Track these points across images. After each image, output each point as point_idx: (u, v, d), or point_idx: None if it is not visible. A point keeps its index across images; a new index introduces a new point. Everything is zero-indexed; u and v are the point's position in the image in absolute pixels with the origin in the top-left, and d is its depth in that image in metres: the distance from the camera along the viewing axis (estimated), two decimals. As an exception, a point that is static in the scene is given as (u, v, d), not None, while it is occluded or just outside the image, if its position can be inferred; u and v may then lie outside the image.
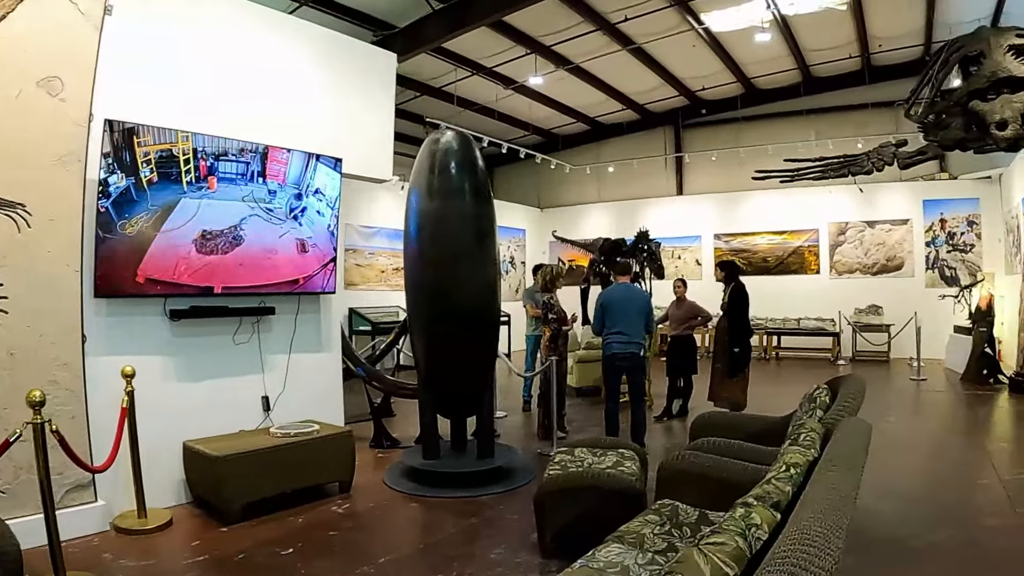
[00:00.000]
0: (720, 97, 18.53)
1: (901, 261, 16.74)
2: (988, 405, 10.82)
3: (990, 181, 15.78)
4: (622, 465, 5.03)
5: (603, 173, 20.33)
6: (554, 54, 15.02)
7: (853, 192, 16.79)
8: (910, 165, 7.43)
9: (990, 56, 6.56)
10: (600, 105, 18.82)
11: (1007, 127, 6.24)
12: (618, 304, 7.71)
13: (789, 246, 17.99)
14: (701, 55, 15.65)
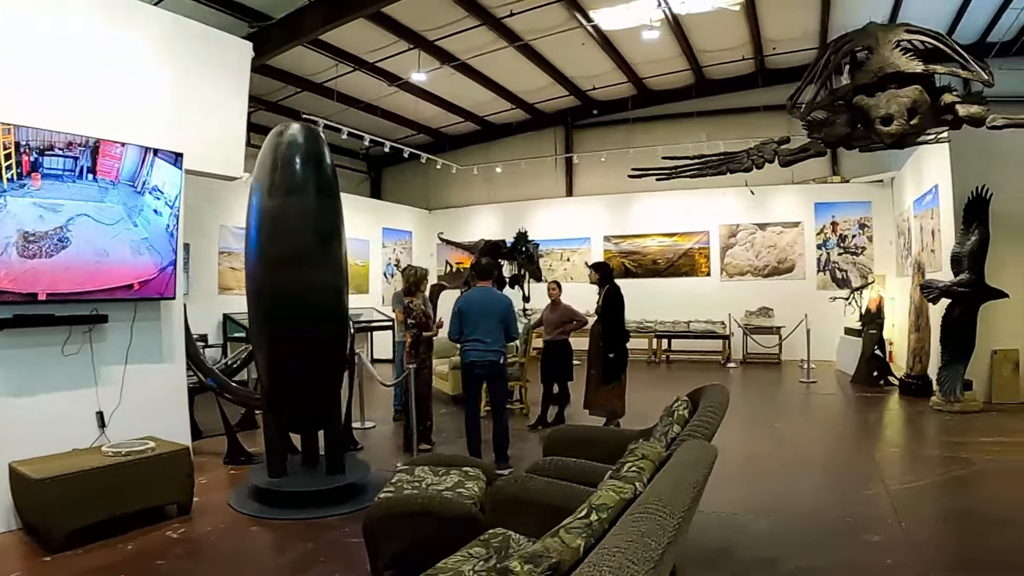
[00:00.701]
0: (611, 98, 18.16)
1: (792, 263, 16.68)
2: (878, 408, 10.62)
3: (882, 184, 15.90)
4: (463, 486, 4.54)
5: (492, 174, 19.68)
6: (439, 50, 14.34)
7: (744, 194, 16.71)
8: (792, 162, 7.10)
9: (877, 52, 6.34)
10: (489, 104, 18.19)
11: (892, 122, 5.99)
12: (476, 309, 7.16)
13: (679, 248, 17.71)
14: (591, 54, 15.23)
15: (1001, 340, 10.25)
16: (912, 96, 6.05)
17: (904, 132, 6.05)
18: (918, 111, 6.03)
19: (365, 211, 18.32)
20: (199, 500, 6.05)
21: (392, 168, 21.66)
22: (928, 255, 12.00)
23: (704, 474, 2.75)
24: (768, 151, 7.05)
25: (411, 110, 17.88)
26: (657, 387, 12.72)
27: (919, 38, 6.67)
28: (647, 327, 16.41)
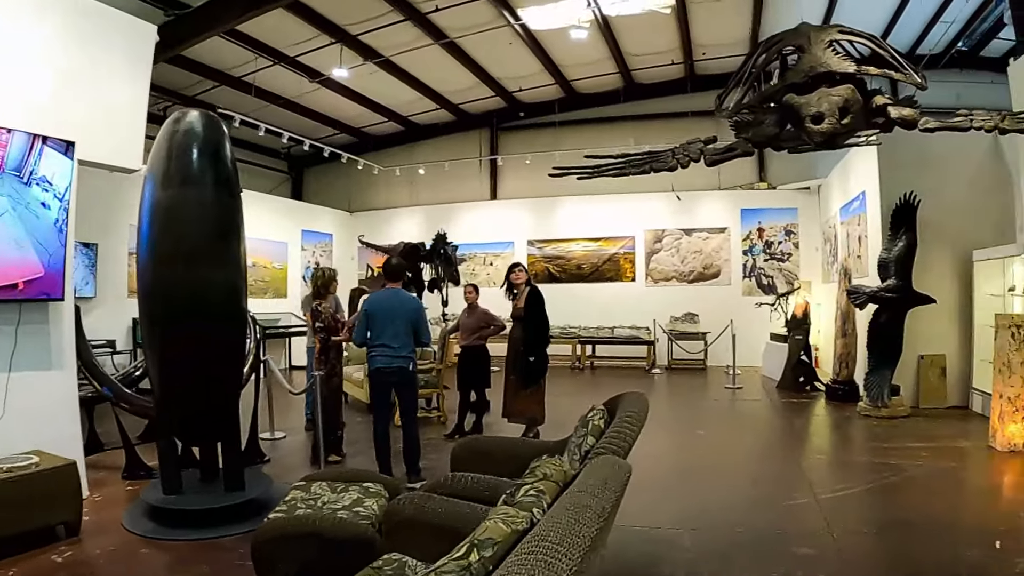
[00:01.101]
0: (538, 100, 17.82)
1: (718, 269, 16.57)
2: (805, 414, 10.50)
3: (808, 191, 15.95)
4: (362, 505, 4.16)
5: (416, 175, 19.13)
6: (362, 45, 13.77)
7: (670, 200, 16.55)
8: (718, 162, 6.83)
9: (809, 51, 6.11)
10: (413, 104, 17.62)
11: (823, 121, 5.79)
12: (383, 312, 6.66)
13: (604, 253, 17.44)
14: (518, 54, 14.84)
15: (928, 345, 10.25)
16: (844, 95, 5.87)
17: (835, 131, 5.86)
18: (850, 111, 5.85)
19: (284, 212, 17.65)
20: (90, 519, 5.55)
21: (314, 169, 20.89)
22: (855, 261, 11.98)
23: (615, 498, 2.39)
24: (694, 150, 6.78)
25: (333, 108, 17.23)
26: (580, 394, 12.40)
27: (852, 39, 6.50)
28: (571, 333, 16.08)
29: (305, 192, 21.12)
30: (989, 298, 9.78)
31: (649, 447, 7.40)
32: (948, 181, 10.32)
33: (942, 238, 10.19)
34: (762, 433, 9.43)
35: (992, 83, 12.84)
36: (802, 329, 12.35)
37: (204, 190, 5.36)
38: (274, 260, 16.73)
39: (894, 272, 9.80)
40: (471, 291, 9.26)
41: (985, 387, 9.51)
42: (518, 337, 8.37)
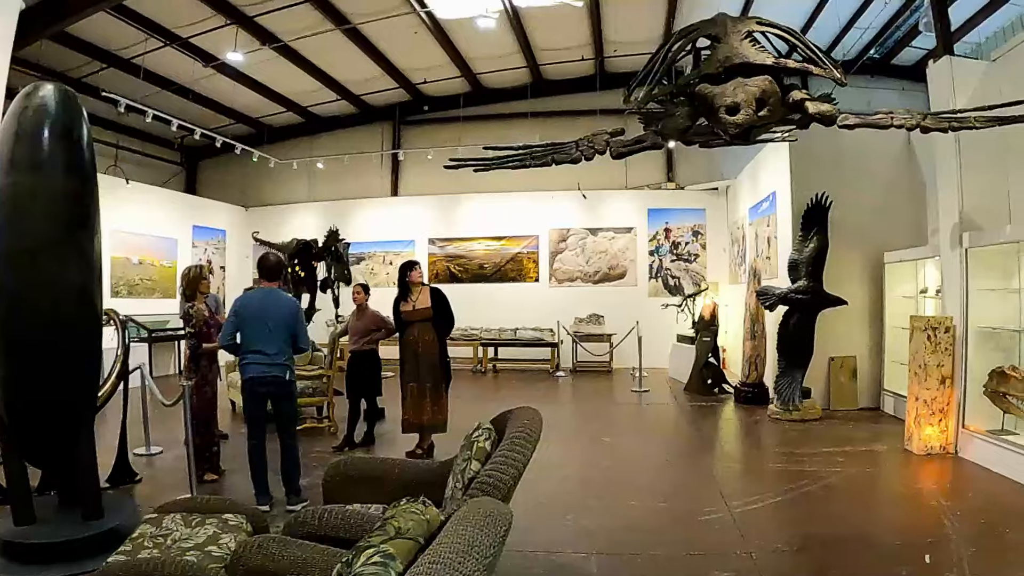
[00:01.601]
0: (443, 93, 17.15)
1: (624, 270, 16.28)
2: (714, 418, 10.16)
3: (716, 192, 15.81)
4: (217, 542, 3.50)
5: (315, 170, 18.16)
6: (259, 28, 12.85)
7: (576, 198, 16.22)
8: (625, 155, 6.36)
9: (725, 41, 5.81)
10: (314, 94, 16.68)
11: (739, 111, 5.46)
12: (256, 314, 5.85)
13: (507, 252, 16.89)
14: (424, 44, 14.20)
15: (838, 347, 10.09)
16: (761, 86, 5.54)
17: (750, 123, 5.53)
18: (766, 103, 5.53)
19: (174, 206, 16.42)
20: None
21: (210, 161, 19.36)
22: (764, 262, 11.77)
23: (488, 561, 1.85)
24: (599, 142, 6.26)
25: (229, 96, 16.05)
26: (483, 399, 11.82)
27: (770, 31, 6.21)
28: (472, 335, 15.44)
29: (200, 186, 19.66)
30: (901, 300, 9.71)
31: (551, 457, 6.98)
32: (860, 183, 10.22)
33: (854, 239, 10.04)
34: (671, 439, 8.97)
35: (903, 90, 13.05)
36: (710, 331, 12.06)
37: (54, 177, 4.46)
38: (163, 258, 15.59)
39: (805, 273, 9.58)
40: (360, 292, 8.52)
41: (897, 389, 9.52)
42: (429, 339, 7.60)
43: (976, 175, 7.63)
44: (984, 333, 7.33)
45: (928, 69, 8.28)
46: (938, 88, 8.01)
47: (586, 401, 12.04)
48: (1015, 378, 6.68)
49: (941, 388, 7.43)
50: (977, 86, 7.71)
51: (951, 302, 7.71)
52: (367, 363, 8.23)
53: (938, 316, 7.73)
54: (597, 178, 16.14)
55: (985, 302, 7.34)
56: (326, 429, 8.82)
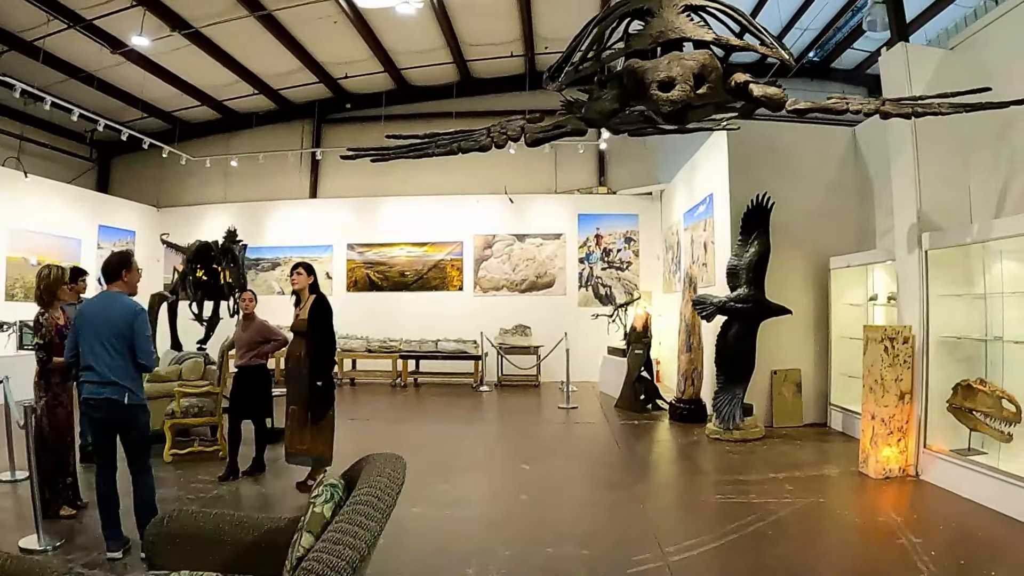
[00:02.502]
0: (366, 90, 16.04)
1: (552, 278, 15.39)
2: (647, 439, 9.13)
3: (651, 197, 15.15)
4: None
5: (231, 169, 16.78)
6: (169, 12, 11.64)
7: (502, 202, 15.36)
8: (541, 141, 5.47)
9: (660, 15, 5.14)
10: (230, 87, 15.35)
11: (674, 86, 4.70)
12: (90, 324, 4.66)
13: (430, 259, 15.81)
14: (345, 36, 13.18)
15: (781, 359, 9.30)
16: (700, 60, 4.79)
17: (687, 101, 4.71)
18: (706, 79, 4.77)
19: (79, 204, 14.92)
20: None
21: (124, 158, 17.79)
22: (700, 269, 10.95)
23: None
24: (513, 128, 5.41)
25: (140, 87, 14.62)
26: (396, 419, 10.68)
27: (712, 5, 5.44)
28: (391, 347, 14.34)
29: (113, 183, 18.02)
30: (848, 308, 8.99)
31: (458, 489, 6.18)
32: (804, 183, 9.56)
33: (797, 243, 9.33)
34: (598, 466, 7.77)
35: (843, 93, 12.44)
36: (642, 343, 11.12)
37: None
38: (65, 259, 13.99)
39: (745, 280, 8.72)
40: (249, 299, 7.31)
41: (844, 403, 8.83)
42: (300, 355, 6.40)
43: (933, 171, 6.91)
44: (946, 343, 6.55)
45: (881, 58, 7.61)
46: (892, 78, 7.29)
47: (509, 419, 10.96)
48: (983, 392, 5.93)
49: (900, 404, 6.59)
50: (934, 75, 7.03)
51: (908, 310, 6.90)
52: (254, 379, 7.01)
53: (895, 325, 6.90)
54: (525, 182, 15.44)
55: (946, 309, 6.58)
56: (216, 454, 7.53)
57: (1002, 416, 5.77)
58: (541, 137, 5.41)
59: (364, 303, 15.46)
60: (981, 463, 5.93)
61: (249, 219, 15.93)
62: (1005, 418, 5.75)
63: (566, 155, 15.44)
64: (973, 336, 6.31)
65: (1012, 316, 5.94)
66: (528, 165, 15.47)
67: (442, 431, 9.52)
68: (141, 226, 16.70)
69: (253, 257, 15.60)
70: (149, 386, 8.23)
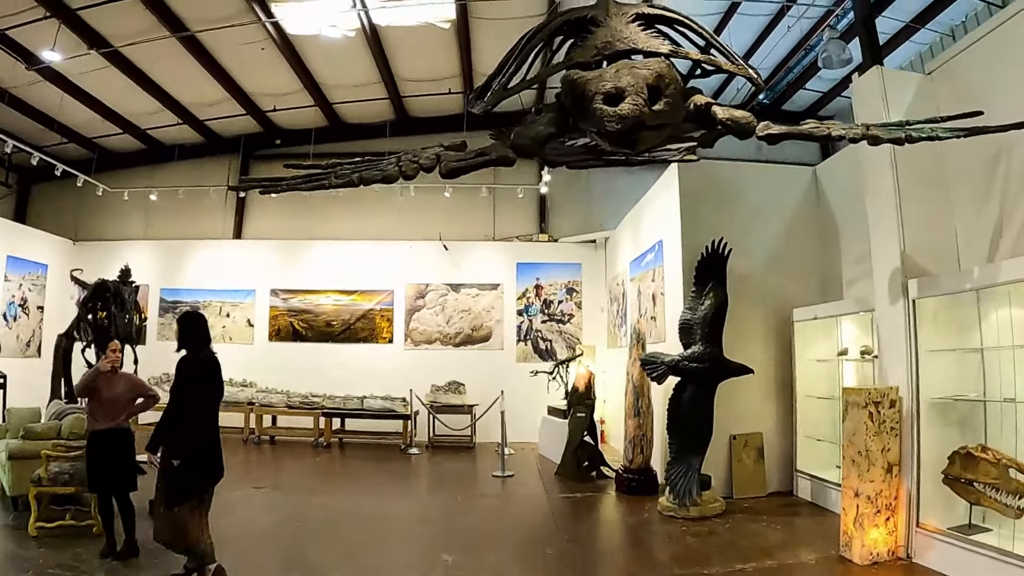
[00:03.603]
0: (297, 126, 14.96)
1: (489, 331, 14.36)
2: (591, 517, 8.00)
3: (594, 246, 14.43)
4: None
5: (154, 205, 15.46)
6: (86, 27, 10.53)
7: (437, 250, 14.39)
8: (459, 171, 4.48)
9: (606, 24, 4.60)
10: (154, 116, 14.12)
11: (623, 99, 3.94)
12: None
13: (358, 309, 14.65)
14: (274, 64, 12.14)
15: (741, 423, 8.32)
16: (656, 69, 4.08)
17: (639, 117, 3.94)
18: (663, 93, 4.00)
19: (-18, 233, 13.45)
20: None
21: (45, 185, 16.07)
22: (649, 323, 10.01)
23: None
24: (427, 156, 4.45)
25: (56, 109, 13.23)
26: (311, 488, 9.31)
27: (668, 13, 4.89)
28: (313, 403, 13.05)
29: (31, 213, 16.40)
30: (814, 364, 8.12)
31: None
32: (763, 228, 8.85)
33: (756, 295, 8.51)
34: (532, 558, 6.33)
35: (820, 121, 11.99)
36: (585, 405, 10.04)
37: None
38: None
39: (700, 337, 7.72)
40: (116, 348, 6.07)
41: (812, 469, 7.93)
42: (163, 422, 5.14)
43: (916, 210, 6.15)
44: (938, 405, 5.66)
45: (853, 83, 6.96)
46: (866, 105, 6.59)
47: (436, 491, 9.66)
48: (986, 460, 5.05)
49: (888, 478, 5.63)
50: (913, 101, 6.38)
51: (893, 368, 6.01)
52: (116, 444, 5.74)
53: (880, 387, 5.98)
54: (461, 228, 14.54)
55: (937, 366, 5.70)
56: (92, 529, 6.18)
57: (1010, 488, 4.92)
58: (459, 166, 4.45)
59: (287, 354, 14.18)
60: (985, 543, 5.05)
61: (169, 258, 14.83)
62: (1013, 490, 4.89)
63: (505, 200, 14.66)
64: (970, 396, 5.47)
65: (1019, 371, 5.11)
66: (465, 211, 14.63)
67: (358, 507, 8.12)
68: (55, 260, 15.11)
69: (171, 300, 14.54)
70: (17, 444, 6.95)
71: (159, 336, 14.37)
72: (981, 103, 4.97)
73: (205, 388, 5.10)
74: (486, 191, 14.08)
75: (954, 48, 6.55)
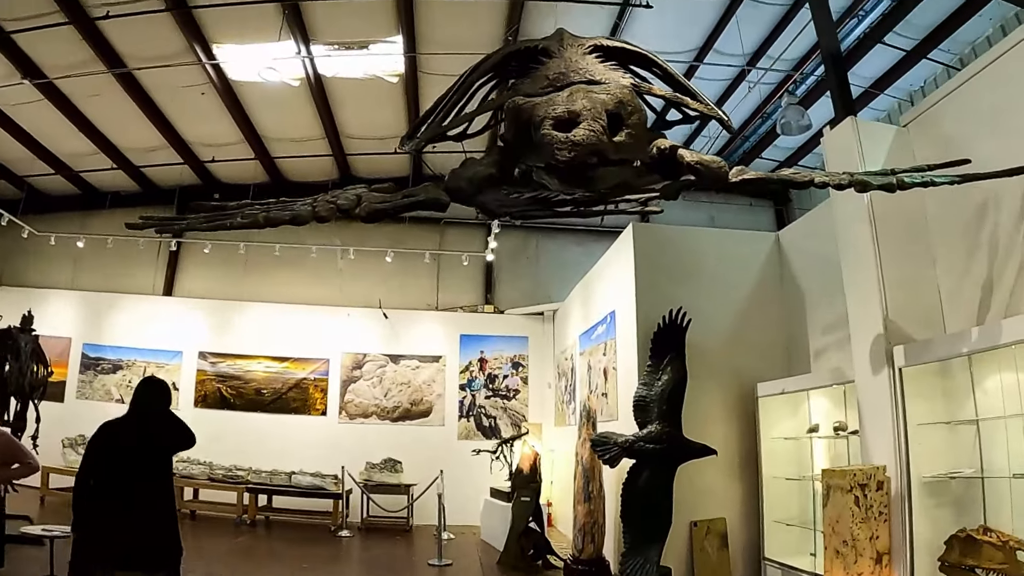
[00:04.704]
0: (237, 180, 14.26)
1: (429, 406, 13.55)
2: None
3: (542, 318, 13.88)
4: None
5: (82, 253, 14.39)
6: (19, 53, 9.98)
7: (376, 318, 13.67)
8: (380, 215, 3.91)
9: (560, 55, 4.12)
10: (89, 158, 13.37)
11: (578, 124, 3.31)
12: None
13: (291, 377, 13.73)
14: (213, 111, 11.61)
15: (703, 508, 7.56)
16: (617, 94, 3.52)
17: (597, 147, 3.28)
18: (624, 122, 3.44)
19: None
20: None
21: None
22: (600, 400, 9.32)
23: None
24: (346, 197, 3.92)
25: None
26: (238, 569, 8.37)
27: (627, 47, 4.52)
28: (238, 476, 12.00)
29: None
30: (780, 443, 7.46)
31: None
32: (722, 297, 8.35)
33: (717, 369, 7.91)
34: None
35: (751, 206, 11.77)
36: (530, 488, 9.23)
37: None
38: None
39: (657, 415, 7.01)
40: None
41: (780, 556, 7.17)
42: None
43: (897, 269, 5.66)
44: (931, 485, 5.06)
45: (824, 137, 6.59)
46: (840, 157, 6.22)
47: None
48: (990, 544, 4.43)
49: (877, 569, 4.94)
50: (889, 154, 6.02)
51: (878, 446, 5.39)
52: None
53: (865, 467, 5.34)
54: (402, 296, 13.97)
55: (927, 441, 5.14)
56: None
57: (1019, 573, 4.30)
58: (382, 208, 3.88)
59: (212, 422, 12.83)
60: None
61: (95, 311, 13.84)
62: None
63: (449, 268, 14.16)
64: (966, 473, 4.89)
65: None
66: (407, 278, 14.11)
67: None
68: (-29, 304, 13.95)
69: (93, 356, 13.49)
70: None
71: (78, 394, 13.27)
72: (961, 153, 4.60)
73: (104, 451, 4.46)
74: (429, 257, 13.61)
75: (929, 99, 6.23)
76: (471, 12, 9.66)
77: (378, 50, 10.23)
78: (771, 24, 9.71)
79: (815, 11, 7.07)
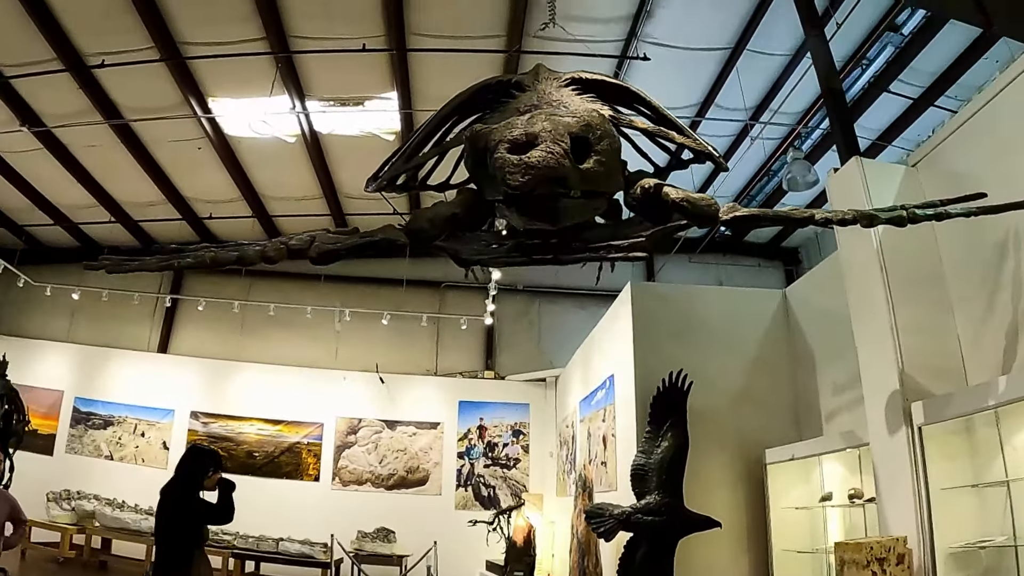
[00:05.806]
0: (235, 237, 13.57)
1: (426, 474, 13.16)
2: None
3: (544, 385, 13.49)
4: None
5: (79, 306, 14.34)
6: (17, 99, 9.97)
7: (372, 382, 13.37)
8: (332, 257, 3.63)
9: (534, 88, 3.95)
10: (87, 211, 13.35)
11: (536, 145, 2.95)
12: None
13: (284, 441, 13.36)
14: (211, 167, 11.57)
15: (706, 585, 6.95)
16: (585, 118, 3.19)
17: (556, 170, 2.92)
18: (593, 147, 3.09)
19: None
20: None
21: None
22: (598, 469, 8.85)
23: None
24: (300, 238, 3.64)
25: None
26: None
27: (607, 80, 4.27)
28: (223, 541, 11.45)
29: None
30: (791, 513, 6.86)
31: None
32: (726, 359, 7.84)
33: (721, 434, 7.40)
34: None
35: (759, 267, 11.48)
36: (523, 562, 8.82)
37: None
38: None
39: (656, 485, 6.53)
40: None
41: None
42: None
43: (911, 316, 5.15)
44: (958, 555, 4.45)
45: (830, 179, 6.15)
46: (846, 199, 5.73)
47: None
48: None
49: (899, 655, 4.35)
50: (899, 194, 5.54)
51: (897, 514, 4.80)
52: None
53: (883, 539, 4.76)
54: (400, 360, 13.74)
55: (952, 507, 4.56)
56: None
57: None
58: (333, 248, 3.59)
59: (200, 483, 12.66)
60: None
61: (89, 365, 13.65)
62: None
63: (449, 333, 13.95)
64: (997, 540, 4.31)
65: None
66: (405, 341, 13.90)
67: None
68: (-35, 352, 13.80)
69: (85, 410, 13.22)
70: None
71: (68, 449, 12.96)
72: (972, 189, 4.15)
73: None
74: (427, 321, 13.38)
75: (936, 138, 5.85)
76: (466, 67, 9.46)
77: (373, 106, 10.16)
78: (773, 76, 9.56)
79: (814, 48, 6.81)
